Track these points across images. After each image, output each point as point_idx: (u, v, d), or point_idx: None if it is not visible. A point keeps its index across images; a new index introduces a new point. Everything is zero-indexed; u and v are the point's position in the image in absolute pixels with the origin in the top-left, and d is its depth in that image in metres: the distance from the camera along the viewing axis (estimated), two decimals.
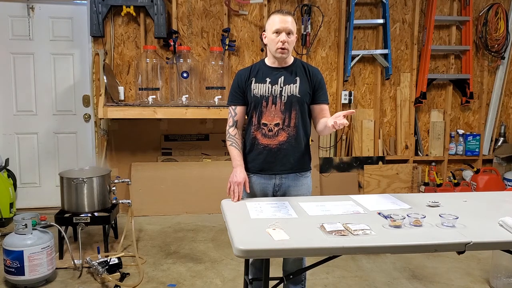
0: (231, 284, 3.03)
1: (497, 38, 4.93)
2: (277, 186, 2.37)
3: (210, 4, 4.61)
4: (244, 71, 2.41)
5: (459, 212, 1.98)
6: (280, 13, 2.26)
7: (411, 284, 3.06)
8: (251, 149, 2.39)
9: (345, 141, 4.94)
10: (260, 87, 2.32)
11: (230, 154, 2.39)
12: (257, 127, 2.35)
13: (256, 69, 2.37)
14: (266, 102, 2.31)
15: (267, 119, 2.32)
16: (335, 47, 4.86)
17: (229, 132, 2.40)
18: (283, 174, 2.36)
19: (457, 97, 5.12)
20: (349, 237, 1.74)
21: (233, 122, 2.40)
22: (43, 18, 4.46)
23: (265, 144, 2.34)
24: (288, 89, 2.31)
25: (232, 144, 2.38)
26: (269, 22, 2.29)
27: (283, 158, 2.34)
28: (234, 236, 1.76)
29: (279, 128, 2.32)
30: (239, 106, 2.39)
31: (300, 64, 2.38)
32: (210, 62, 4.48)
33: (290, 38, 2.26)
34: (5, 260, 2.88)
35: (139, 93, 4.40)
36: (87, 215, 3.33)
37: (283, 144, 2.32)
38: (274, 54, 2.30)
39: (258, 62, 2.45)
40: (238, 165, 2.33)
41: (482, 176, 4.85)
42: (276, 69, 2.34)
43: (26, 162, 4.61)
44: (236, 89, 2.39)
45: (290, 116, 2.31)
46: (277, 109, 2.31)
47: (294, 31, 2.28)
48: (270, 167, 2.35)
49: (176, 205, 4.54)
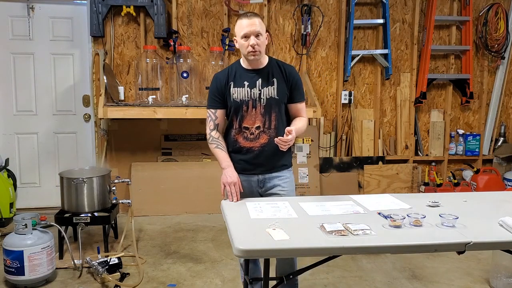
0: (231, 284, 3.03)
1: (497, 38, 4.92)
2: (261, 182, 2.41)
3: (210, 4, 4.61)
4: (221, 75, 2.41)
5: (459, 212, 1.98)
6: (246, 17, 2.25)
7: (411, 284, 3.06)
8: (233, 151, 2.41)
9: (345, 141, 4.94)
10: (239, 91, 2.33)
11: (216, 156, 2.39)
12: (238, 130, 2.37)
13: (233, 72, 2.38)
14: (247, 107, 2.33)
15: (248, 122, 2.34)
16: (335, 47, 4.86)
17: (211, 136, 2.40)
18: (266, 174, 2.39)
19: (457, 97, 5.12)
20: (349, 237, 1.74)
21: (214, 125, 2.41)
22: (43, 18, 4.45)
23: (247, 147, 2.36)
24: (267, 92, 2.32)
25: (217, 146, 2.39)
26: (237, 27, 2.28)
27: (265, 159, 2.37)
28: (234, 236, 1.76)
29: (260, 131, 2.34)
30: (219, 109, 2.40)
31: (276, 63, 2.38)
32: (210, 62, 4.48)
33: (260, 39, 2.25)
34: (5, 260, 2.88)
35: (139, 93, 4.40)
36: (87, 215, 3.33)
37: (264, 146, 2.35)
38: (247, 57, 2.31)
39: (234, 64, 2.44)
40: (228, 166, 2.34)
41: (482, 176, 4.84)
42: (252, 71, 2.35)
43: (26, 162, 4.61)
44: (215, 93, 2.39)
45: (270, 118, 2.34)
46: (257, 113, 2.33)
47: (263, 31, 2.27)
48: (253, 167, 2.38)
49: (176, 205, 4.54)
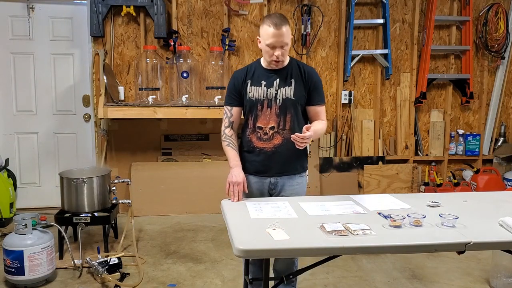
0: (231, 284, 3.03)
1: (497, 38, 4.92)
2: (273, 184, 2.38)
3: (210, 4, 4.61)
4: (240, 72, 2.39)
5: (459, 212, 1.98)
6: (274, 25, 2.14)
7: (411, 284, 3.06)
8: (248, 151, 2.39)
9: (345, 141, 4.94)
10: (256, 90, 2.31)
11: (226, 154, 2.38)
12: (252, 130, 2.34)
13: (252, 71, 2.36)
14: (262, 106, 2.30)
15: (262, 122, 2.31)
16: (335, 47, 4.86)
17: (225, 133, 2.39)
18: (278, 177, 2.37)
19: (457, 97, 5.12)
20: (349, 237, 1.74)
21: (229, 123, 2.40)
22: (43, 18, 4.45)
23: (260, 147, 2.34)
24: (283, 92, 2.29)
25: (228, 144, 2.37)
26: (263, 31, 2.19)
27: (278, 161, 2.33)
28: (234, 236, 1.76)
29: (274, 132, 2.31)
30: (235, 107, 2.38)
31: (296, 64, 2.35)
32: (210, 62, 4.48)
33: (285, 49, 2.21)
34: (5, 260, 2.88)
35: (139, 93, 4.40)
36: (87, 215, 3.33)
37: (278, 147, 2.32)
38: (268, 62, 2.29)
39: (254, 62, 2.43)
40: (236, 165, 2.32)
41: (482, 176, 4.84)
42: (271, 71, 2.32)
43: (26, 162, 4.61)
44: (232, 90, 2.37)
45: (285, 119, 2.30)
46: (272, 113, 2.30)
47: (289, 39, 2.21)
48: (266, 169, 2.36)
49: (176, 205, 4.54)
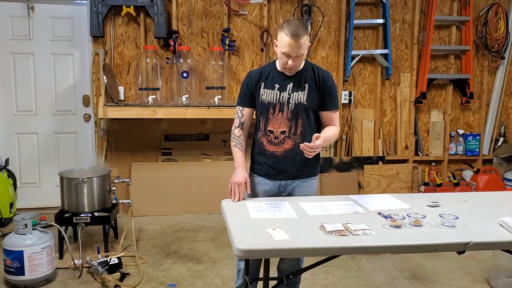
0: (231, 284, 3.03)
1: (497, 38, 4.92)
2: (282, 187, 2.37)
3: (210, 4, 4.61)
4: (254, 74, 2.36)
5: (459, 212, 1.98)
6: (292, 36, 2.10)
7: (411, 284, 3.06)
8: (259, 153, 2.38)
9: (345, 141, 4.94)
10: (269, 93, 2.29)
11: (233, 154, 2.37)
12: (264, 133, 2.33)
13: (267, 73, 2.33)
14: (273, 109, 2.28)
15: (274, 126, 2.30)
16: (335, 47, 4.86)
17: (234, 133, 2.38)
18: (288, 180, 2.36)
19: (457, 97, 5.12)
20: (349, 237, 1.74)
21: (239, 123, 2.38)
22: (43, 18, 4.45)
23: (271, 151, 2.32)
24: (296, 97, 2.27)
25: (236, 145, 2.36)
26: (280, 38, 2.15)
27: (288, 165, 2.32)
28: (234, 236, 1.76)
29: (285, 136, 2.29)
30: (246, 108, 2.37)
31: (311, 68, 2.32)
32: (210, 62, 4.47)
33: (300, 58, 2.20)
34: (5, 260, 2.88)
35: (139, 93, 4.40)
36: (87, 215, 3.33)
37: (288, 152, 2.30)
38: (281, 67, 2.27)
39: (269, 64, 2.39)
40: (240, 166, 2.31)
41: (482, 176, 4.84)
42: (285, 75, 2.29)
43: (26, 162, 4.61)
44: (246, 91, 2.36)
45: (296, 124, 2.28)
46: (283, 117, 2.28)
47: (306, 49, 2.18)
48: (276, 173, 2.34)
49: (176, 205, 4.54)
